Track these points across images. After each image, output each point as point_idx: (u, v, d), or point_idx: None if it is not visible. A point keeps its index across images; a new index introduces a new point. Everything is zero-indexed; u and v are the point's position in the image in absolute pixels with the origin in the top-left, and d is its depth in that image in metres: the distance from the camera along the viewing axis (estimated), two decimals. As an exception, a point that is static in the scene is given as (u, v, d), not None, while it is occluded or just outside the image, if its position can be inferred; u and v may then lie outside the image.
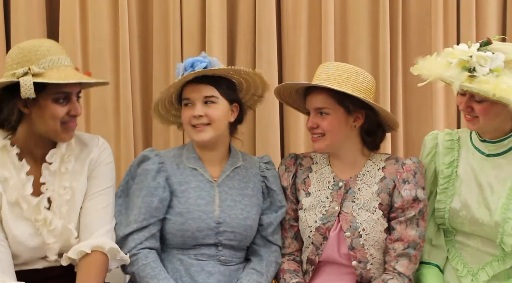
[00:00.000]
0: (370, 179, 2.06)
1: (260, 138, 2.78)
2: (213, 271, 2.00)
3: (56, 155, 1.93)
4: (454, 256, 2.06)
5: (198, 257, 2.01)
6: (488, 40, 1.87)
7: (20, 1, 2.72)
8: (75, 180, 1.95)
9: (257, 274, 2.03)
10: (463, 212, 2.00)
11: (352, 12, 2.82)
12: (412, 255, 1.99)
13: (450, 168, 2.05)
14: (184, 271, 2.00)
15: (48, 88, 1.82)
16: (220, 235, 2.01)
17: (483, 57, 1.81)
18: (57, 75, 1.82)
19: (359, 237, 1.98)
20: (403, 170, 2.03)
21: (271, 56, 2.75)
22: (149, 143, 2.83)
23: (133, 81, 2.77)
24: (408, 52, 2.87)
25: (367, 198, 2.03)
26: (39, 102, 1.83)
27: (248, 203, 2.07)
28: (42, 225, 1.87)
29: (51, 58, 1.84)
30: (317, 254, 2.04)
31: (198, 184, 2.05)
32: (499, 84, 1.77)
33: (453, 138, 2.08)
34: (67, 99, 1.87)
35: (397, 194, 2.01)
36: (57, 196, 1.91)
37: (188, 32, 2.76)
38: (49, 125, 1.86)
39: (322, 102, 2.01)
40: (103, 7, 2.74)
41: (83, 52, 2.76)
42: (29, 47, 1.85)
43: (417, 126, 2.84)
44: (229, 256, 2.04)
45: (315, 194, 2.09)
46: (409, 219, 1.99)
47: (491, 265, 1.97)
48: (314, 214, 2.05)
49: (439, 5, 2.80)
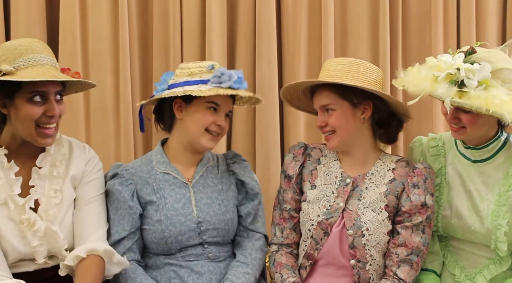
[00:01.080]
0: (379, 179, 2.03)
1: (260, 138, 2.78)
2: (202, 271, 1.99)
3: (46, 159, 1.90)
4: (450, 261, 2.05)
5: (186, 259, 2.00)
6: (472, 50, 1.85)
7: (20, 1, 2.72)
8: (64, 184, 1.93)
9: (242, 266, 2.02)
10: (454, 220, 1.99)
11: (352, 12, 2.82)
12: (414, 261, 1.96)
13: (439, 176, 2.04)
14: (173, 273, 1.99)
15: (23, 87, 1.77)
16: (203, 234, 2.01)
17: (471, 70, 1.79)
18: (29, 73, 1.75)
19: (362, 236, 1.96)
20: (414, 173, 2.00)
21: (271, 56, 2.75)
22: (149, 143, 2.84)
23: (133, 81, 2.77)
24: (408, 52, 2.87)
25: (374, 198, 2.00)
26: (15, 102, 1.79)
27: (224, 197, 2.08)
28: (26, 227, 1.84)
29: (28, 57, 1.78)
30: (316, 249, 2.01)
31: (173, 188, 2.05)
32: (491, 99, 1.76)
33: (438, 144, 2.07)
34: (44, 98, 1.80)
35: (406, 198, 1.97)
36: (46, 198, 1.88)
37: (188, 32, 2.76)
38: (24, 127, 1.81)
39: (326, 99, 2.00)
40: (103, 7, 2.74)
41: (83, 52, 2.76)
42: (9, 45, 1.81)
43: (417, 126, 2.84)
44: (216, 251, 2.04)
45: (321, 187, 2.06)
46: (416, 225, 1.96)
47: (488, 268, 1.96)
48: (318, 208, 2.03)
49: (439, 5, 2.80)
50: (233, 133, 2.82)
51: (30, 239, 1.84)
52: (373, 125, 2.05)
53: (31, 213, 1.85)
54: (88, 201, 1.96)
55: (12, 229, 1.84)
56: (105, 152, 2.76)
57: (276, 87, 2.75)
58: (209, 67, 2.01)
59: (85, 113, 2.78)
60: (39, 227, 1.84)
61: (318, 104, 2.03)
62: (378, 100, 2.00)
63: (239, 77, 2.01)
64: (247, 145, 2.82)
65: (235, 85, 1.99)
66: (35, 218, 1.85)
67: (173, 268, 2.00)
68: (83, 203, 1.96)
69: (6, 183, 1.85)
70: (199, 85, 1.99)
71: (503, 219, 1.89)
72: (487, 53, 1.85)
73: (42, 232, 1.84)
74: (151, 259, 2.04)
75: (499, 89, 1.78)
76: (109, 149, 2.78)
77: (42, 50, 1.83)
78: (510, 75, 1.82)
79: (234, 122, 2.81)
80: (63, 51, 2.73)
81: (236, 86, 1.99)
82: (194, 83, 1.99)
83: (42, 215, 1.87)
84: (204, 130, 2.02)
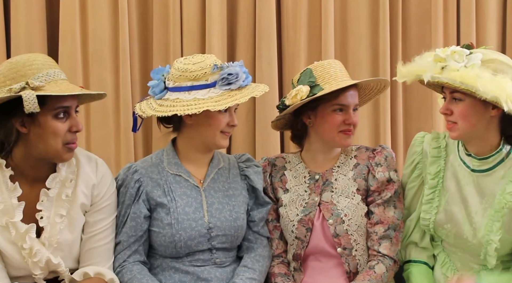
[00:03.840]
0: (345, 168, 2.12)
1: (260, 138, 2.78)
2: (209, 277, 1.99)
3: (56, 180, 1.85)
4: (444, 262, 2.04)
5: (193, 263, 2.00)
6: (470, 44, 1.84)
7: (20, 1, 2.72)
8: (72, 209, 1.87)
9: (249, 271, 2.02)
10: (448, 225, 1.98)
11: (352, 12, 2.82)
12: (393, 236, 2.04)
13: (435, 179, 2.01)
14: (178, 279, 1.98)
15: (48, 103, 1.73)
16: (212, 239, 2.00)
17: (459, 53, 1.77)
18: (57, 88, 1.73)
19: (342, 223, 2.02)
20: (374, 154, 2.11)
21: (271, 56, 2.75)
22: (149, 143, 2.83)
23: (133, 81, 2.77)
24: (408, 52, 2.86)
25: (344, 185, 2.08)
26: (38, 119, 1.73)
27: (235, 203, 2.07)
28: (27, 254, 1.81)
29: (47, 72, 1.75)
30: (303, 247, 2.05)
31: (184, 191, 2.03)
32: (467, 72, 1.72)
33: (440, 145, 2.03)
34: (67, 114, 1.78)
35: (372, 178, 2.07)
36: (51, 225, 1.83)
37: (188, 32, 2.76)
38: (50, 144, 1.76)
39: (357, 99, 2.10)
40: (103, 7, 2.74)
41: (83, 52, 2.76)
42: (22, 61, 1.75)
43: (417, 126, 2.84)
44: (223, 257, 2.04)
45: (293, 188, 2.13)
46: (386, 201, 2.05)
47: (479, 274, 1.94)
48: (295, 208, 2.09)
49: (439, 5, 2.80)
50: (233, 133, 2.81)
51: (32, 267, 1.82)
52: None
53: (33, 242, 1.81)
54: (99, 230, 1.93)
55: (14, 251, 1.82)
56: (105, 152, 2.76)
57: (276, 87, 2.75)
58: (213, 69, 1.96)
59: (85, 113, 2.78)
60: (40, 258, 1.81)
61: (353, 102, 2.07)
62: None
63: (244, 72, 1.99)
64: (247, 145, 2.82)
65: (244, 83, 1.98)
66: (37, 249, 1.81)
67: (179, 273, 1.99)
68: (93, 231, 1.92)
69: (9, 207, 1.79)
70: (208, 90, 1.95)
71: (495, 235, 1.85)
72: (487, 50, 1.83)
73: (43, 263, 1.82)
74: (157, 261, 2.03)
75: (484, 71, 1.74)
76: (109, 149, 2.78)
77: (55, 66, 1.81)
78: (502, 67, 1.77)
79: (234, 122, 2.81)
80: (63, 51, 2.73)
81: (245, 83, 1.99)
82: (201, 88, 1.95)
83: (45, 242, 1.83)
84: (220, 132, 2.01)
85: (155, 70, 2.07)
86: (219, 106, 1.90)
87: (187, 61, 2.01)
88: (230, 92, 1.94)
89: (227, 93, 1.94)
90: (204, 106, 1.89)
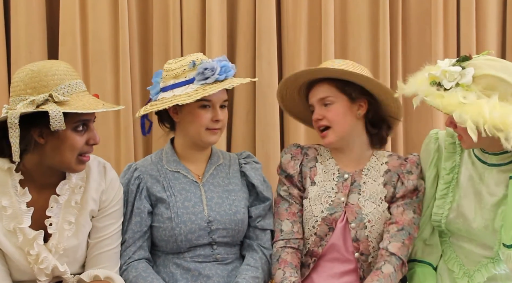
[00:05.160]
0: (375, 173, 2.08)
1: (260, 138, 2.78)
2: (210, 274, 2.00)
3: (66, 187, 1.83)
4: (450, 257, 2.05)
5: (195, 259, 2.01)
6: (468, 56, 1.84)
7: (20, 1, 2.72)
8: (81, 215, 1.86)
9: (252, 270, 2.02)
10: (460, 220, 1.98)
11: (352, 12, 2.82)
12: (405, 238, 2.00)
13: (451, 174, 2.02)
14: (180, 275, 1.99)
15: (69, 116, 1.69)
16: (213, 233, 2.01)
17: (450, 72, 1.79)
18: (80, 103, 1.71)
19: (364, 228, 1.99)
20: (406, 162, 2.08)
21: (271, 56, 2.75)
22: (149, 143, 2.84)
23: (133, 81, 2.77)
24: (408, 52, 2.87)
25: (373, 190, 2.05)
26: (58, 132, 1.69)
27: (235, 198, 2.07)
28: (34, 260, 1.79)
29: (69, 83, 1.72)
30: (321, 245, 2.03)
31: (183, 186, 2.05)
32: (449, 99, 1.75)
33: (455, 141, 2.03)
34: (85, 127, 1.77)
35: (400, 185, 2.05)
36: (59, 232, 1.82)
37: (188, 32, 2.76)
38: (65, 156, 1.74)
39: (325, 92, 2.03)
40: (103, 7, 2.74)
41: (83, 52, 2.76)
42: (45, 70, 1.71)
43: (417, 126, 2.84)
44: (224, 253, 2.04)
45: (321, 183, 2.09)
46: (407, 204, 2.03)
47: (486, 267, 1.96)
48: (320, 204, 2.05)
49: (439, 5, 2.80)
50: (233, 133, 2.82)
51: (37, 273, 1.81)
52: (367, 124, 2.09)
53: (40, 248, 1.80)
54: (106, 236, 1.92)
55: (20, 256, 1.81)
56: (105, 152, 2.76)
57: (276, 87, 2.74)
58: (190, 66, 1.99)
59: (85, 113, 2.78)
60: (46, 266, 1.80)
61: (316, 97, 2.06)
62: (372, 98, 2.06)
63: (222, 66, 1.98)
64: (247, 145, 2.82)
65: (221, 76, 1.97)
66: (44, 256, 1.80)
67: (180, 270, 2.00)
68: (100, 237, 1.91)
69: (17, 212, 1.78)
70: (186, 86, 1.98)
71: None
72: (485, 61, 1.82)
73: (49, 270, 1.82)
74: (160, 258, 2.05)
75: (472, 93, 1.75)
76: (109, 149, 2.78)
77: (76, 75, 1.78)
78: (494, 82, 1.76)
79: (234, 122, 2.81)
80: (63, 51, 2.73)
81: (222, 77, 1.97)
82: (181, 85, 1.98)
83: (51, 248, 1.82)
84: (205, 129, 2.01)
85: (155, 73, 2.11)
86: (188, 100, 1.91)
87: (173, 61, 2.06)
88: (205, 87, 1.95)
89: (202, 88, 1.95)
90: (174, 102, 1.92)
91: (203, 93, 1.92)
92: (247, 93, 2.79)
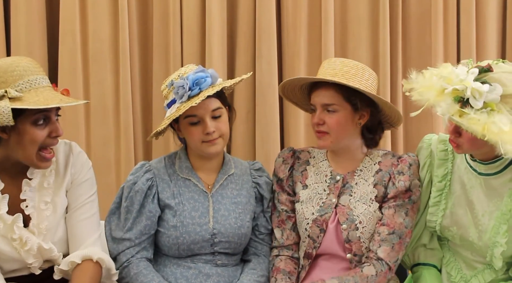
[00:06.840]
0: (367, 173, 2.06)
1: (260, 138, 2.78)
2: (210, 273, 2.00)
3: (37, 171, 1.85)
4: (449, 261, 2.04)
5: (195, 261, 2.02)
6: (488, 68, 1.73)
7: (20, 1, 2.72)
8: (56, 195, 1.88)
9: (257, 274, 2.03)
10: (453, 228, 1.97)
11: (352, 12, 2.83)
12: (396, 242, 1.96)
13: (443, 181, 1.99)
14: (179, 274, 2.00)
15: (26, 111, 1.71)
16: (215, 245, 2.01)
17: (478, 91, 1.69)
18: (35, 98, 1.72)
19: (356, 229, 1.98)
20: (398, 162, 2.04)
21: (271, 56, 2.76)
22: (149, 143, 2.84)
23: (133, 81, 2.78)
24: (408, 52, 2.87)
25: (363, 191, 2.03)
26: (17, 127, 1.72)
27: (241, 211, 2.07)
28: (18, 244, 1.81)
29: (28, 79, 1.73)
30: (314, 247, 2.02)
31: (192, 195, 2.04)
32: (489, 126, 1.65)
33: (447, 148, 1.99)
34: (46, 120, 1.77)
35: (391, 185, 2.01)
36: (37, 212, 1.84)
37: (188, 32, 2.76)
38: (27, 150, 1.76)
39: (330, 99, 1.99)
40: (103, 7, 2.74)
41: (83, 52, 2.77)
42: (5, 67, 1.73)
43: (417, 126, 2.85)
44: (225, 260, 2.05)
45: (312, 186, 2.09)
46: (399, 205, 1.98)
47: (483, 273, 1.94)
48: (311, 206, 2.05)
49: (439, 5, 2.81)
50: (233, 133, 2.82)
51: (25, 256, 1.82)
52: (363, 130, 2.06)
53: (21, 231, 1.81)
54: (81, 204, 1.93)
55: (6, 244, 1.82)
56: (105, 152, 2.77)
57: (276, 87, 2.75)
58: (169, 86, 1.99)
59: (85, 113, 2.78)
60: (31, 246, 1.81)
61: (319, 101, 2.01)
62: (375, 108, 2.02)
63: (194, 80, 1.95)
64: (247, 145, 2.83)
65: (194, 91, 1.94)
66: (27, 237, 1.81)
67: (180, 268, 2.01)
68: (75, 206, 1.92)
69: None
70: (173, 105, 1.99)
71: (502, 237, 1.84)
72: (505, 74, 1.73)
73: (35, 250, 1.82)
74: (161, 258, 2.05)
75: (504, 115, 1.68)
76: (109, 149, 2.78)
77: (38, 71, 1.79)
78: None
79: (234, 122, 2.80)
80: (63, 51, 2.74)
81: (195, 91, 1.94)
82: (170, 105, 2.00)
83: (33, 230, 1.83)
84: (201, 143, 2.00)
85: None
86: (162, 125, 1.98)
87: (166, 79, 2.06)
88: (181, 106, 1.95)
89: (179, 107, 1.95)
90: (162, 125, 1.99)
91: (176, 114, 1.93)
92: (247, 93, 2.80)
